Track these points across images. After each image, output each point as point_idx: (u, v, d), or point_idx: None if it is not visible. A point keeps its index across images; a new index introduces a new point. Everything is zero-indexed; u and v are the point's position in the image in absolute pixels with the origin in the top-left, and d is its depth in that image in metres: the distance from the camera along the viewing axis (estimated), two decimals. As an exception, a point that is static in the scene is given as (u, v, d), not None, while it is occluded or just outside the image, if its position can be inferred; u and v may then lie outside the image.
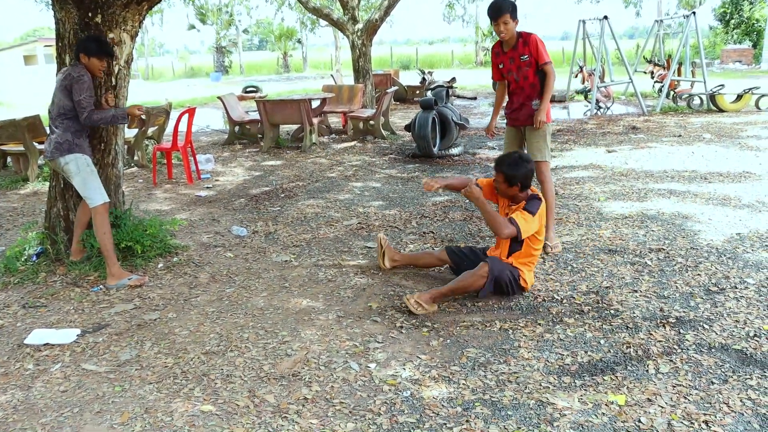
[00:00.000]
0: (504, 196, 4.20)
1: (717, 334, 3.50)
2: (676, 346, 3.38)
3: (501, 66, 5.07)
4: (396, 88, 14.36)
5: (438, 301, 3.98)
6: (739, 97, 13.10)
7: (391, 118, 12.11)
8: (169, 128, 9.36)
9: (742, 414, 2.76)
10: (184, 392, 3.10)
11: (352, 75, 14.73)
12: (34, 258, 4.94)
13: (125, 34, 4.79)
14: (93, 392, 3.14)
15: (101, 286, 4.49)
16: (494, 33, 5.10)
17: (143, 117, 4.68)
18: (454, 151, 9.38)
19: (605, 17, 14.08)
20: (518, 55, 4.88)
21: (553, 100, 16.71)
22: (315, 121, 10.61)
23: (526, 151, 5.05)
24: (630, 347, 3.39)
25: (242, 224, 6.08)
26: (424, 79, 18.59)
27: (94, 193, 4.50)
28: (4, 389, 3.19)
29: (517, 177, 4.04)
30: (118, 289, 4.45)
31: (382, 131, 11.28)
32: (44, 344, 3.65)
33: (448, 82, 17.46)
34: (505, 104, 5.32)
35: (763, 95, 13.10)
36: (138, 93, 23.36)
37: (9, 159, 9.24)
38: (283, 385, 3.14)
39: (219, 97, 11.07)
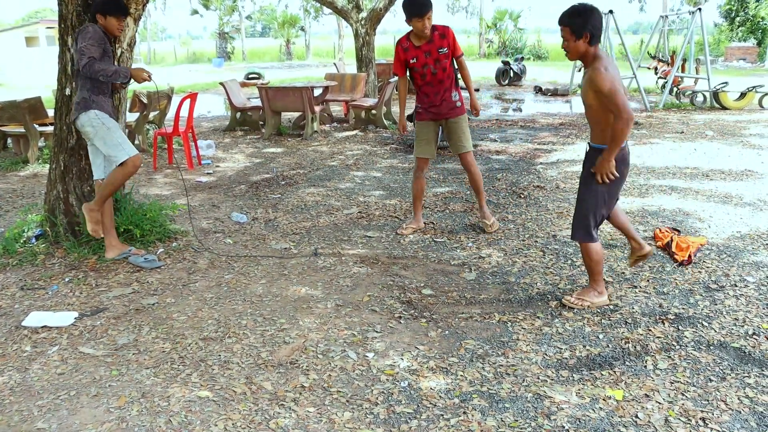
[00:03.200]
0: (576, 55, 3.58)
1: (716, 331, 3.49)
2: (674, 343, 3.37)
3: (414, 60, 5.01)
4: (399, 77, 14.28)
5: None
6: (743, 95, 13.06)
7: (393, 107, 12.07)
8: (171, 113, 9.33)
9: (740, 412, 2.76)
10: (182, 377, 3.10)
11: (355, 64, 14.67)
12: (33, 240, 4.93)
13: (129, 17, 4.75)
14: (90, 375, 3.13)
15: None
16: (498, 24, 5.11)
17: (149, 79, 4.41)
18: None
19: (610, 11, 14.02)
20: (436, 48, 4.93)
21: (556, 94, 16.71)
22: (317, 109, 10.57)
23: (445, 143, 5.18)
24: (628, 343, 3.38)
25: (242, 211, 6.07)
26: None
27: (116, 150, 4.35)
28: (1, 371, 3.19)
29: (584, 25, 3.47)
30: (115, 263, 4.46)
31: (384, 121, 11.25)
32: (42, 327, 3.65)
33: (451, 73, 17.36)
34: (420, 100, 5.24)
35: (766, 93, 13.06)
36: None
37: (9, 140, 9.21)
38: (281, 372, 3.14)
39: (221, 83, 11.02)
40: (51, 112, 7.92)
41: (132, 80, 4.40)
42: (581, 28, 3.48)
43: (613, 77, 3.42)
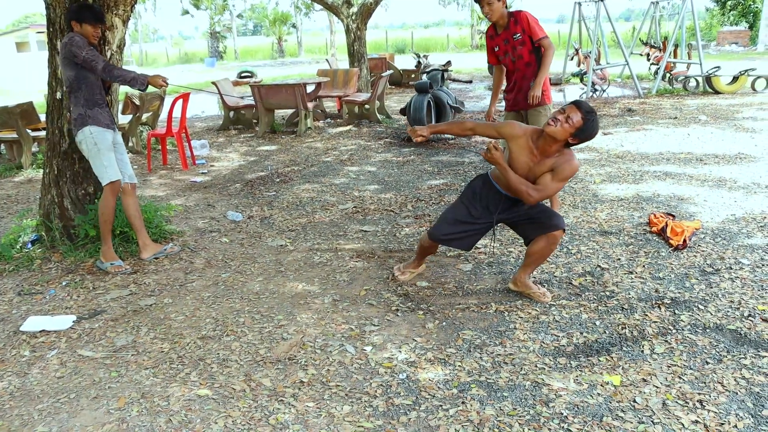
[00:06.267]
0: (550, 142, 3.47)
1: (712, 314, 3.51)
2: (671, 327, 3.39)
3: (496, 49, 5.01)
4: (391, 71, 14.30)
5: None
6: (735, 78, 13.07)
7: (387, 102, 12.07)
8: (164, 114, 9.32)
9: (736, 393, 2.78)
10: (181, 377, 3.11)
11: (347, 59, 14.66)
12: (29, 245, 4.92)
13: (117, 18, 4.74)
14: (89, 378, 3.14)
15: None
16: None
17: (167, 84, 4.50)
18: (450, 135, 9.35)
19: (601, -1, 14.00)
20: (511, 35, 4.83)
21: (549, 83, 16.70)
22: (310, 105, 10.56)
23: None
24: (625, 328, 3.40)
25: (237, 209, 6.07)
26: (419, 62, 18.48)
27: (100, 171, 4.47)
28: (1, 376, 3.19)
29: (588, 133, 3.44)
30: (106, 271, 4.48)
31: (378, 115, 11.24)
32: (40, 331, 3.65)
33: (444, 65, 17.33)
34: (504, 88, 5.28)
35: (758, 77, 13.08)
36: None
37: (2, 146, 9.19)
38: (279, 368, 3.15)
39: (214, 83, 11.00)
40: (43, 117, 7.91)
41: (149, 86, 4.42)
42: None
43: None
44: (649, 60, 16.13)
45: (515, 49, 4.84)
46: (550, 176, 3.50)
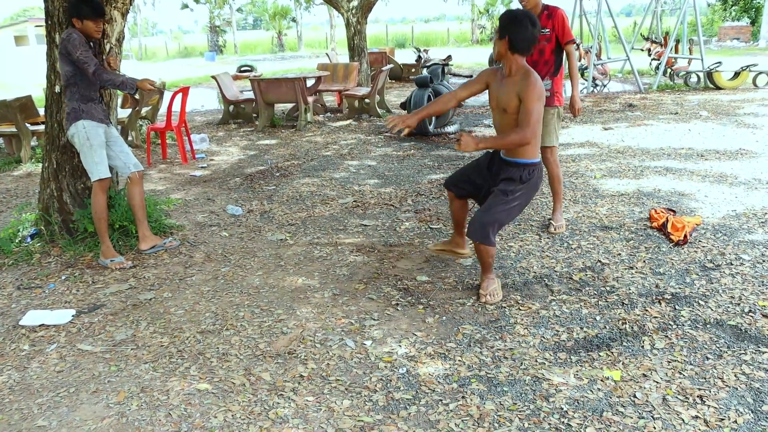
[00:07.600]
0: (505, 65, 3.70)
1: (712, 310, 3.50)
2: (671, 322, 3.38)
3: None
4: (391, 66, 14.26)
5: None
6: (737, 74, 13.04)
7: (387, 96, 12.04)
8: (163, 108, 9.30)
9: (736, 389, 2.77)
10: (180, 371, 3.10)
11: (347, 53, 14.63)
12: (29, 239, 4.91)
13: (116, 11, 4.72)
14: (89, 372, 3.14)
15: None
16: (490, 10, 4.96)
17: (155, 87, 4.56)
18: (450, 129, 9.34)
19: (602, -6, 13.97)
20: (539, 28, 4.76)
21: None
22: (310, 99, 10.54)
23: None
24: (626, 323, 3.39)
25: (237, 203, 6.06)
26: (419, 57, 18.47)
27: (91, 167, 4.47)
28: (1, 370, 3.19)
29: (517, 34, 3.57)
30: (106, 267, 4.47)
31: (378, 109, 11.22)
32: (39, 325, 3.65)
33: (444, 60, 17.33)
34: None
35: (760, 73, 13.04)
36: (132, 73, 23.08)
37: (1, 140, 9.17)
38: (279, 363, 3.14)
39: (213, 77, 10.98)
40: (42, 111, 7.89)
41: (138, 90, 4.50)
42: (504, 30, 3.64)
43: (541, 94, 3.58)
44: (650, 55, 16.11)
45: (539, 43, 4.76)
46: (522, 108, 3.58)
